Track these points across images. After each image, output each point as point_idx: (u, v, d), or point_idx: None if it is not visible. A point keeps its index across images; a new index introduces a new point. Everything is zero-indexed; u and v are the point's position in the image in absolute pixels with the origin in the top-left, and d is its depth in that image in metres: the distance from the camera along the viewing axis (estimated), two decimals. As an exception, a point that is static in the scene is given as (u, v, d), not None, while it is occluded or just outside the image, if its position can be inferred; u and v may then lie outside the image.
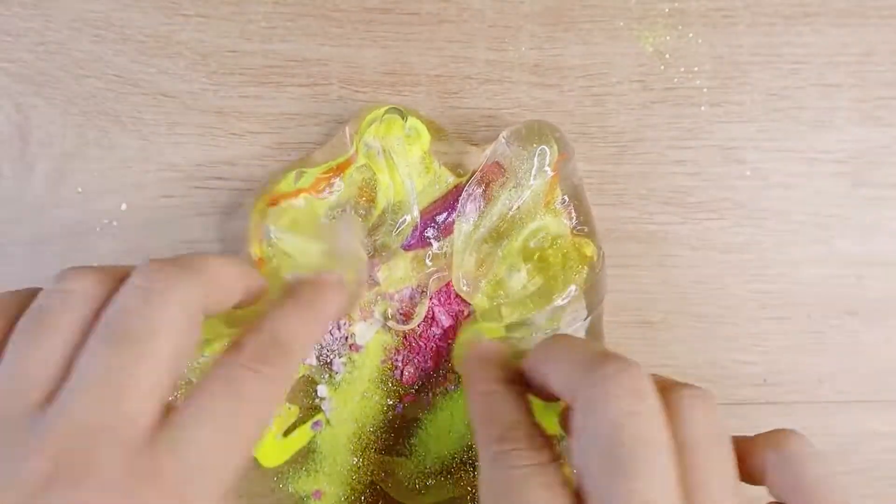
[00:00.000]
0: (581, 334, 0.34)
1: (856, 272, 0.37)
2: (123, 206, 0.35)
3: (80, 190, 0.35)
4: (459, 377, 0.35)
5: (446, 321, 0.35)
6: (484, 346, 0.29)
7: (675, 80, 0.37)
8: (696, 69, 0.37)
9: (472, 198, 0.34)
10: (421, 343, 0.35)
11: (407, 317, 0.35)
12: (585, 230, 0.35)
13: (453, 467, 0.34)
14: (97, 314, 0.22)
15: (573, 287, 0.33)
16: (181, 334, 0.22)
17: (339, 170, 0.34)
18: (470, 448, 0.35)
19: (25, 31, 0.36)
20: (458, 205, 0.34)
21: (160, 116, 0.36)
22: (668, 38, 0.37)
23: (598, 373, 0.22)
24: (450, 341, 0.35)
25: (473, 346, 0.29)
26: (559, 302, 0.33)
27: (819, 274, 0.37)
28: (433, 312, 0.35)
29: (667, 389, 0.23)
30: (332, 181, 0.34)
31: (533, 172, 0.34)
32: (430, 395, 0.35)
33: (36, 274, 0.35)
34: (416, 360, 0.35)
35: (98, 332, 0.21)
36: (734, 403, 0.36)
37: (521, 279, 0.34)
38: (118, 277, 0.23)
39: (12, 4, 0.36)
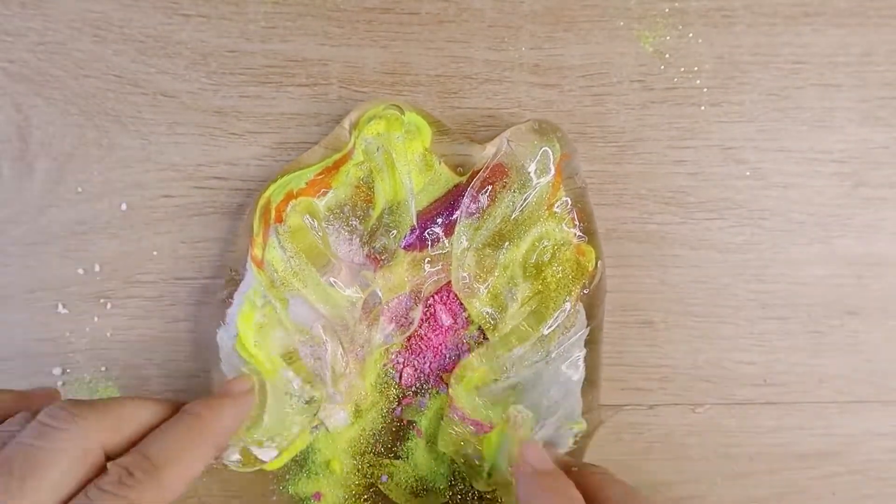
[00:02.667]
0: (582, 342, 0.34)
1: (856, 272, 0.37)
2: (123, 206, 0.35)
3: (80, 190, 0.35)
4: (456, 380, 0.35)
5: (447, 320, 0.35)
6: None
7: (675, 80, 0.37)
8: (696, 69, 0.37)
9: (474, 199, 0.34)
10: (422, 345, 0.35)
11: (404, 325, 0.34)
12: (586, 239, 0.35)
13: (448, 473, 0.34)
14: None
15: (562, 309, 0.33)
16: (70, 467, 0.23)
17: (336, 167, 0.34)
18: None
19: (25, 31, 0.36)
20: (461, 205, 0.34)
21: (160, 116, 0.36)
22: (668, 38, 0.37)
23: None
24: (449, 342, 0.35)
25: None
26: (547, 329, 0.33)
27: (819, 274, 0.37)
28: (434, 310, 0.35)
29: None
30: (327, 183, 0.34)
31: (536, 172, 0.34)
32: (427, 397, 0.35)
33: (36, 274, 0.35)
34: (415, 362, 0.35)
35: None
36: (734, 403, 0.36)
37: (516, 301, 0.34)
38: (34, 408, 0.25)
39: (12, 4, 0.36)
